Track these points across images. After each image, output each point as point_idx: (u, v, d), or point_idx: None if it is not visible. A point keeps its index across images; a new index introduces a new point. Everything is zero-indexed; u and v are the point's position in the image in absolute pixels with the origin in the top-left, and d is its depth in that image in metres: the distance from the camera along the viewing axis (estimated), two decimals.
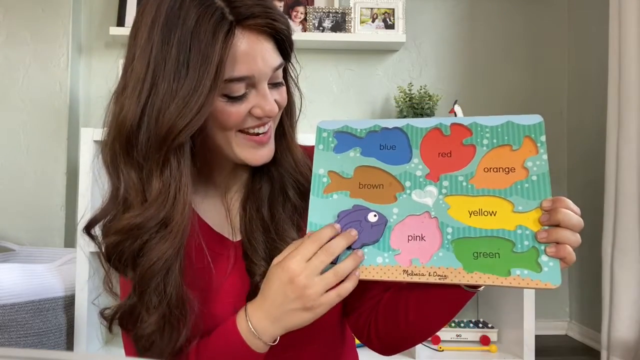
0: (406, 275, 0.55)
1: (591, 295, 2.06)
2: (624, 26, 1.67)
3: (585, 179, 2.14)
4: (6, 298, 1.42)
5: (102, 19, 2.08)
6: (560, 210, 0.53)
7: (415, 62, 2.21)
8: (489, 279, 0.53)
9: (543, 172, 0.56)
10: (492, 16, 2.24)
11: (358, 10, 2.08)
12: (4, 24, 1.96)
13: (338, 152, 0.62)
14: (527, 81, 2.25)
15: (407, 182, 0.59)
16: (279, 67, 0.64)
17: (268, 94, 0.62)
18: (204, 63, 0.55)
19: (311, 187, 0.61)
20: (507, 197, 0.56)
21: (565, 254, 0.52)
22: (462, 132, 0.60)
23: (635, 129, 1.64)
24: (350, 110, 2.17)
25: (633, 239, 1.64)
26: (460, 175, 0.58)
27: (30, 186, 1.94)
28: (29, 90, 1.96)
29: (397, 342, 0.70)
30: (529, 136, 0.58)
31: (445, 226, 0.56)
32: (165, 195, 0.58)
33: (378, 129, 0.63)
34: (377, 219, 0.58)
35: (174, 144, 0.57)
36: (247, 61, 0.59)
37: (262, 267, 0.66)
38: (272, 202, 0.69)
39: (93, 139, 1.61)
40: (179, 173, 0.58)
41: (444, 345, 1.76)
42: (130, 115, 0.58)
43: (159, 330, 0.60)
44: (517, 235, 0.54)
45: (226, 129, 0.62)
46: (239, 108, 0.61)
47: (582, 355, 1.99)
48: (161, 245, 0.58)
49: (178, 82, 0.55)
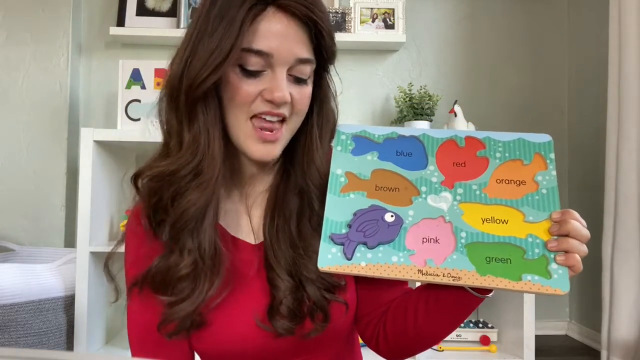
0: (421, 274, 0.57)
1: (591, 295, 2.06)
2: (624, 26, 1.67)
3: (585, 178, 2.14)
4: (6, 298, 1.42)
5: (102, 19, 2.09)
6: (570, 221, 0.55)
7: (415, 62, 2.21)
8: (501, 283, 0.55)
9: (552, 186, 0.60)
10: (492, 16, 2.24)
11: (358, 10, 2.08)
12: (4, 24, 1.96)
13: (356, 154, 0.65)
14: (527, 81, 2.25)
15: (422, 187, 0.62)
16: (306, 61, 0.64)
17: (283, 80, 0.63)
18: (228, 25, 0.60)
19: (328, 186, 0.62)
20: (518, 207, 0.59)
21: (574, 262, 0.54)
22: (476, 145, 0.64)
23: (635, 129, 1.64)
24: (350, 110, 2.17)
25: (633, 239, 1.64)
26: (474, 185, 0.61)
27: (30, 186, 1.94)
28: (29, 90, 1.96)
29: (404, 347, 0.70)
30: (539, 153, 0.63)
31: (459, 230, 0.58)
32: (196, 146, 0.63)
33: (395, 135, 0.66)
34: (394, 219, 0.60)
35: (197, 92, 0.61)
36: (268, 38, 0.61)
37: (287, 282, 0.66)
38: (300, 216, 0.70)
39: (93, 139, 1.61)
40: (206, 127, 0.63)
41: (444, 345, 1.76)
42: (174, 73, 0.64)
43: (190, 275, 0.63)
44: (528, 243, 0.57)
45: (236, 105, 0.64)
46: (250, 86, 0.63)
47: (582, 355, 1.99)
48: (194, 193, 0.62)
49: (208, 43, 0.61)
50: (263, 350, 0.67)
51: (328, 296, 0.66)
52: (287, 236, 0.69)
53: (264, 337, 0.66)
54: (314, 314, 0.66)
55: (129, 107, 1.75)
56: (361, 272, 0.57)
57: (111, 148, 1.73)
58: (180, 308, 0.63)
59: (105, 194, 1.73)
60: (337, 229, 0.59)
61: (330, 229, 0.59)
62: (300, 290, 0.66)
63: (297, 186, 0.70)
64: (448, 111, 2.00)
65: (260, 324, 0.65)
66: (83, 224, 1.60)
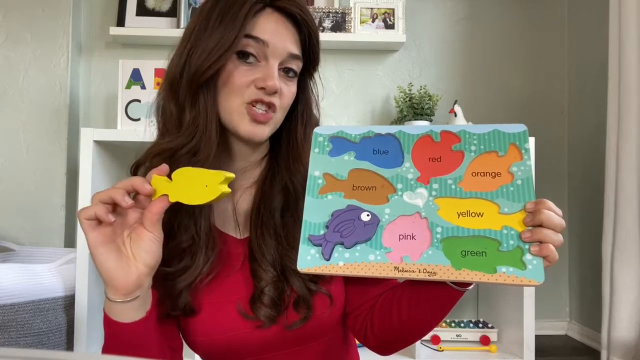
0: (397, 271, 0.57)
1: (591, 295, 2.06)
2: (624, 26, 1.67)
3: (585, 179, 2.14)
4: (6, 298, 1.42)
5: (102, 19, 2.09)
6: (543, 211, 0.55)
7: (415, 62, 2.21)
8: (476, 276, 0.55)
9: (527, 176, 0.60)
10: (492, 16, 2.24)
11: (358, 10, 2.08)
12: (4, 24, 1.96)
13: (333, 155, 0.66)
14: (527, 81, 2.25)
15: (398, 185, 0.62)
16: (295, 57, 0.71)
17: (275, 71, 0.69)
18: (231, 20, 0.67)
19: (307, 188, 0.63)
20: (493, 200, 0.59)
21: (548, 252, 0.54)
22: (451, 139, 0.64)
23: (635, 129, 1.64)
24: (350, 110, 2.17)
25: (633, 239, 1.64)
26: (450, 179, 0.61)
27: (30, 186, 1.94)
28: (29, 90, 1.96)
29: (392, 340, 0.73)
30: (514, 143, 0.62)
31: (435, 226, 0.59)
32: (195, 127, 0.68)
33: (371, 134, 0.66)
34: (369, 218, 0.60)
35: (201, 79, 0.67)
36: (265, 30, 0.69)
37: (270, 272, 0.69)
38: (284, 211, 0.73)
39: (93, 139, 1.61)
40: (205, 110, 0.68)
41: (444, 345, 1.76)
42: (174, 65, 0.70)
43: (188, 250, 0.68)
44: (502, 235, 0.57)
45: (231, 92, 0.69)
46: (245, 72, 0.68)
47: (582, 355, 1.99)
48: None
49: (211, 36, 0.67)
50: (248, 342, 0.70)
51: (312, 287, 0.69)
52: (272, 229, 0.72)
53: (248, 328, 0.69)
54: (298, 305, 0.69)
55: (129, 107, 1.75)
56: (339, 271, 0.58)
57: (111, 148, 1.73)
58: (182, 279, 0.67)
59: None
60: (315, 231, 0.60)
61: (309, 231, 0.60)
62: (282, 281, 0.69)
63: (282, 182, 0.74)
64: (448, 111, 2.00)
65: (243, 313, 0.69)
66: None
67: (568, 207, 2.22)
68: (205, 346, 0.71)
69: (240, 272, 0.72)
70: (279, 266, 0.70)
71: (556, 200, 0.58)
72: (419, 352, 1.64)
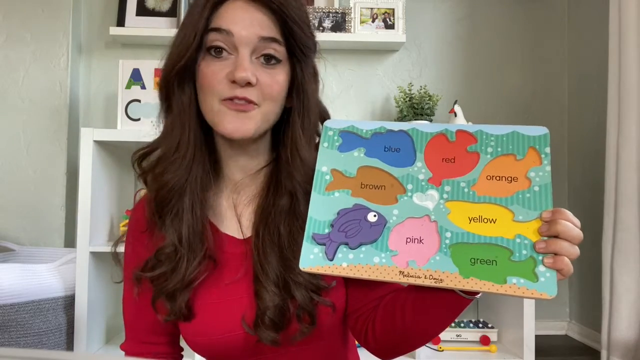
0: (402, 276, 0.55)
1: (591, 295, 2.06)
2: (624, 26, 1.67)
3: (585, 179, 2.14)
4: (6, 298, 1.42)
5: (102, 19, 2.09)
6: (560, 221, 0.52)
7: (415, 62, 2.21)
8: (484, 286, 0.53)
9: (545, 183, 0.56)
10: (492, 16, 2.24)
11: (358, 10, 2.08)
12: (4, 24, 1.96)
13: (342, 151, 0.63)
14: (527, 81, 2.25)
15: (409, 185, 0.59)
16: (269, 40, 0.67)
17: (245, 61, 0.65)
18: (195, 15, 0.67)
19: (313, 184, 0.61)
20: (508, 206, 0.56)
21: (562, 265, 0.51)
22: (467, 139, 0.60)
23: (635, 129, 1.64)
24: (350, 110, 2.17)
25: (633, 239, 1.64)
26: (463, 182, 0.58)
27: (30, 186, 1.94)
28: (29, 90, 1.96)
29: (393, 345, 0.70)
30: (534, 147, 0.58)
31: (444, 230, 0.56)
32: (172, 131, 0.69)
33: (384, 130, 0.63)
34: (376, 219, 0.58)
35: (170, 78, 0.68)
36: (228, 19, 0.66)
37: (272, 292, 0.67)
38: (288, 219, 0.70)
39: (93, 139, 1.61)
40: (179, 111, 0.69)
41: (444, 345, 1.76)
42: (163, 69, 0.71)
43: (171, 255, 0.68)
44: (515, 244, 0.54)
45: (206, 90, 0.67)
46: (216, 67, 0.66)
47: (582, 355, 1.98)
48: (169, 173, 0.69)
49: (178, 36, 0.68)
50: (247, 344, 0.69)
51: (315, 298, 0.67)
52: (276, 240, 0.69)
53: (248, 335, 0.69)
54: (301, 318, 0.67)
55: (129, 107, 1.75)
56: (342, 273, 0.56)
57: (111, 148, 1.73)
58: (164, 285, 0.68)
59: (105, 194, 1.73)
60: (320, 229, 0.58)
61: (313, 229, 0.58)
62: (286, 299, 0.66)
63: (284, 188, 0.71)
64: (448, 111, 2.00)
65: (246, 328, 0.68)
66: (83, 224, 1.60)
67: (568, 207, 2.21)
68: (204, 346, 0.71)
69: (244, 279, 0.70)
70: (282, 282, 0.67)
71: (556, 201, 0.56)
72: (419, 352, 1.64)
